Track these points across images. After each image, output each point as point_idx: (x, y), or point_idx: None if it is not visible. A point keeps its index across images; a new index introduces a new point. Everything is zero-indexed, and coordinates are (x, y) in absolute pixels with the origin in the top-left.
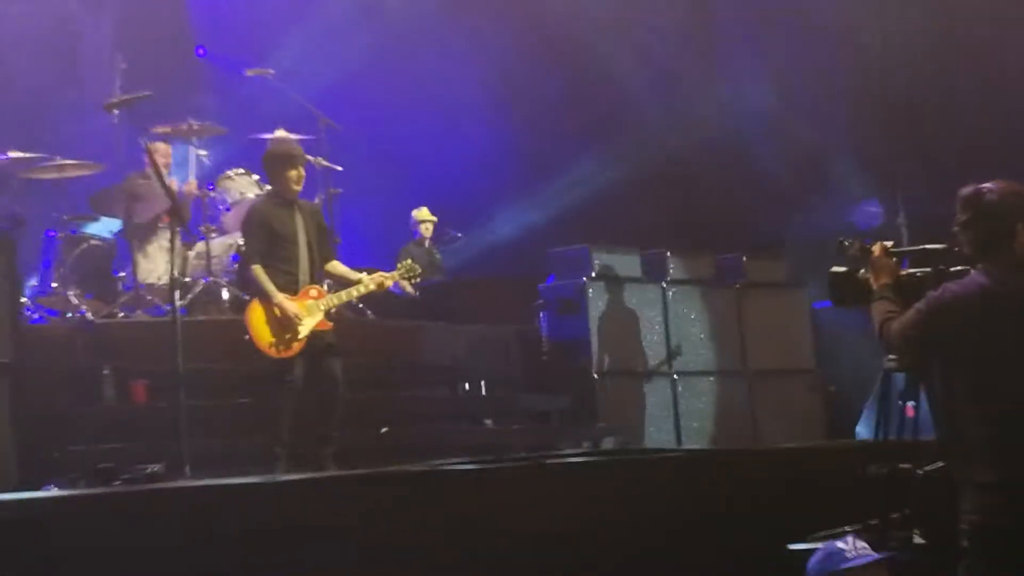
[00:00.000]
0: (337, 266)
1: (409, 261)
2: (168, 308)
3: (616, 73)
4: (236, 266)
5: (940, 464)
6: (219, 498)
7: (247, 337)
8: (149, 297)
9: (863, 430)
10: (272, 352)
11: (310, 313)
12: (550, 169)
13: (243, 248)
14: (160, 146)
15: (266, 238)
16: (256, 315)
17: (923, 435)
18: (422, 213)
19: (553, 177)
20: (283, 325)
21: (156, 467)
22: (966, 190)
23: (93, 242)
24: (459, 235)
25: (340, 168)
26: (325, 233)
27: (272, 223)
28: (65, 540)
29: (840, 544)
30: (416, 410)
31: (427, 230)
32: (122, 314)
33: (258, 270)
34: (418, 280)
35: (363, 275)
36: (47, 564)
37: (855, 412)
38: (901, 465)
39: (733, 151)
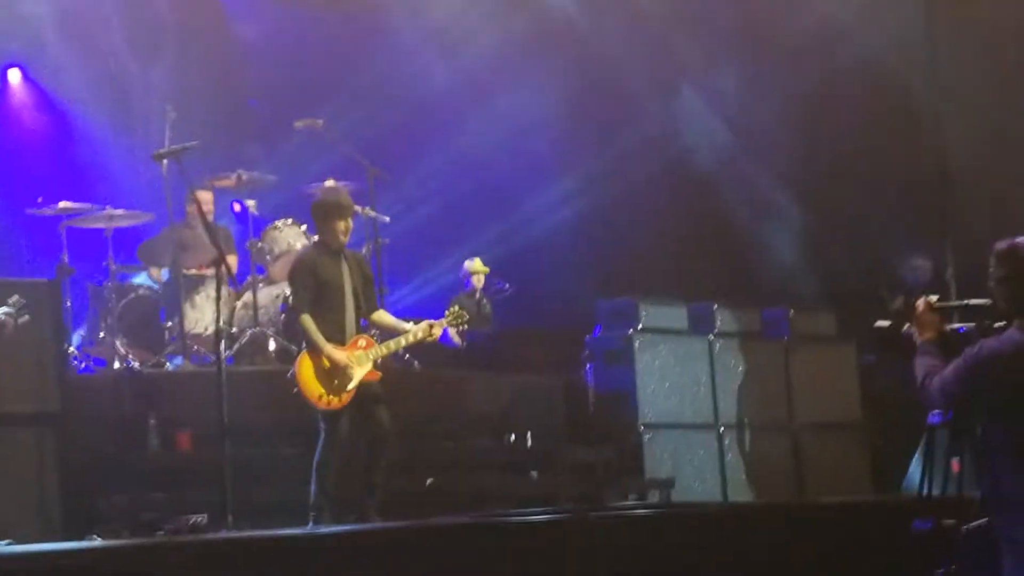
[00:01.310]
0: (384, 316)
1: (457, 307)
2: (214, 358)
3: (667, 130)
4: (283, 316)
5: (984, 520)
6: (261, 550)
7: (296, 391)
8: (196, 347)
9: (909, 485)
10: (322, 404)
11: (359, 363)
12: (598, 221)
13: (291, 298)
14: (203, 194)
15: (314, 287)
16: (306, 367)
17: (968, 490)
18: (475, 264)
19: (601, 229)
20: (333, 376)
21: (199, 518)
22: (1001, 245)
23: (140, 291)
24: (507, 286)
25: (387, 219)
26: (371, 283)
27: (319, 272)
28: None
29: None
30: (461, 461)
31: (479, 281)
32: (169, 363)
33: (307, 320)
34: (466, 327)
35: (411, 324)
36: None
37: (901, 466)
38: (946, 521)
39: (780, 206)
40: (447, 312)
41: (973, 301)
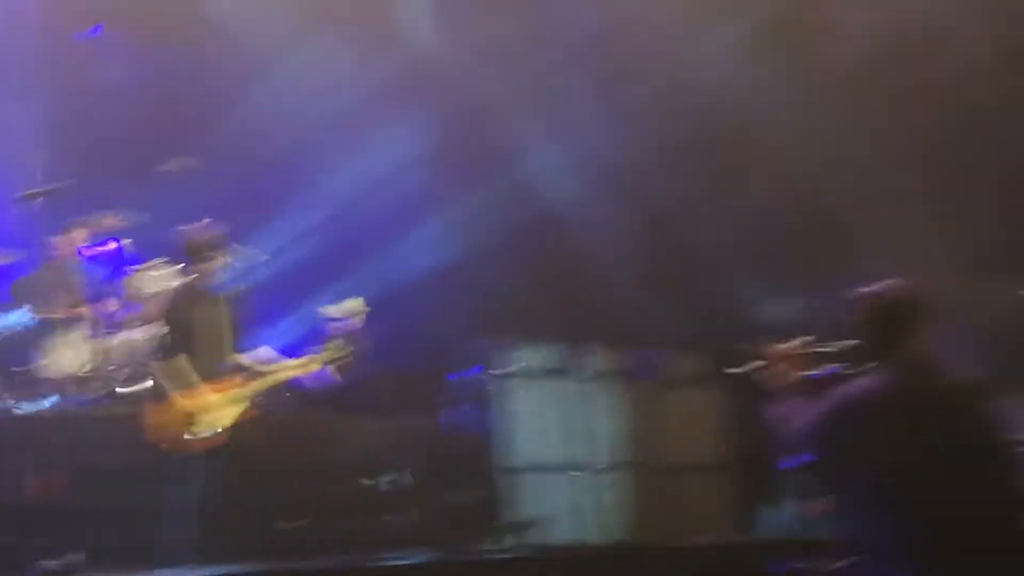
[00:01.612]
0: (261, 353)
1: (340, 341)
2: (85, 399)
3: (537, 173)
4: (155, 356)
5: (847, 562)
6: None
7: (165, 433)
8: (68, 387)
9: (773, 526)
10: (192, 445)
11: (231, 402)
12: (470, 263)
13: (162, 338)
14: (76, 233)
15: (185, 328)
16: (176, 409)
17: (831, 533)
18: (353, 305)
19: (473, 271)
20: (204, 416)
21: (73, 559)
22: (859, 291)
23: (11, 331)
24: (377, 329)
25: (264, 257)
26: (247, 321)
27: (192, 312)
28: None
29: None
30: (328, 503)
31: (354, 322)
32: (40, 404)
33: (178, 361)
34: (348, 360)
35: (288, 361)
36: None
37: (765, 508)
38: (809, 563)
39: (648, 247)
40: (325, 348)
41: (836, 345)
